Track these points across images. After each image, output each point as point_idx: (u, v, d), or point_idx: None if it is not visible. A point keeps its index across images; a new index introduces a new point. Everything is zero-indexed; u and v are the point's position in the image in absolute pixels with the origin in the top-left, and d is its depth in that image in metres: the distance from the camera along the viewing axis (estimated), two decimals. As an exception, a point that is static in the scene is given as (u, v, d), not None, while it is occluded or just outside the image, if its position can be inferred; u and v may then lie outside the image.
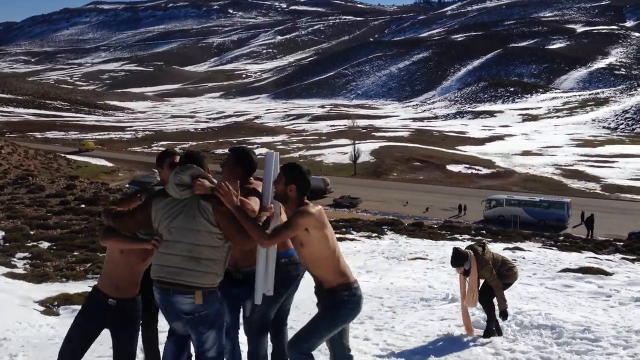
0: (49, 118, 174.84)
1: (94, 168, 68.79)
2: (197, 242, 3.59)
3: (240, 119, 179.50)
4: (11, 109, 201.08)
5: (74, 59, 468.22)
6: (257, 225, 3.66)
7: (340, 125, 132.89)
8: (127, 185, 51.97)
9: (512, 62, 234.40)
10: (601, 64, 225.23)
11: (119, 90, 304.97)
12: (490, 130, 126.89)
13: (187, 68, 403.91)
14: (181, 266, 3.60)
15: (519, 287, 9.77)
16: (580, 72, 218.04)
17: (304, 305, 7.22)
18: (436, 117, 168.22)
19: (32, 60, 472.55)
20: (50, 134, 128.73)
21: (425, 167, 78.45)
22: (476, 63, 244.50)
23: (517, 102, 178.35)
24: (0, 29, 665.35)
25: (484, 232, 29.59)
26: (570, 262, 15.12)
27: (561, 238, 30.19)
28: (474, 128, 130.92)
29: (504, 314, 6.52)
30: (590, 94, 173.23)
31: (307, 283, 4.30)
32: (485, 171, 75.91)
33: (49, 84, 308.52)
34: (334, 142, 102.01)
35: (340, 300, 3.89)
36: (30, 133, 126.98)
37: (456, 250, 6.67)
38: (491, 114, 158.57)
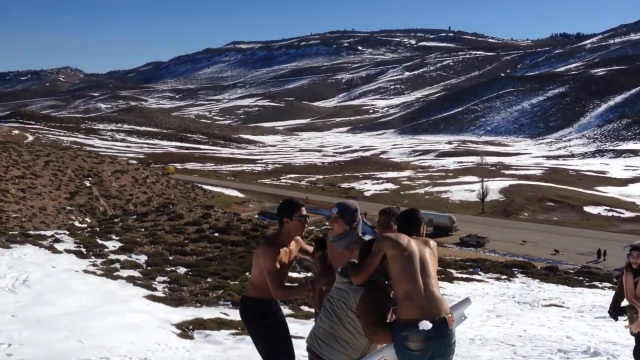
0: (189, 150, 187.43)
1: (226, 198, 72.37)
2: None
3: (367, 153, 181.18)
4: (156, 141, 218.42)
5: (213, 96, 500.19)
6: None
7: (468, 162, 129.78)
8: (256, 216, 54.02)
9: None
10: None
11: (252, 125, 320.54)
12: (634, 170, 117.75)
13: (316, 103, 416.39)
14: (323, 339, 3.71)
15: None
16: None
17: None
18: (572, 155, 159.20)
19: (177, 96, 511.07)
20: (189, 165, 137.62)
21: (560, 207, 74.21)
22: (618, 99, 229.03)
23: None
24: (150, 67, 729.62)
25: None
26: None
27: None
28: (615, 168, 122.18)
29: None
30: None
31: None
32: (628, 214, 70.36)
33: (190, 119, 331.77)
34: (461, 179, 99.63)
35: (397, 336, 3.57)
36: (172, 164, 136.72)
37: None
38: (635, 153, 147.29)
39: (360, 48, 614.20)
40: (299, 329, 8.56)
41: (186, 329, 9.39)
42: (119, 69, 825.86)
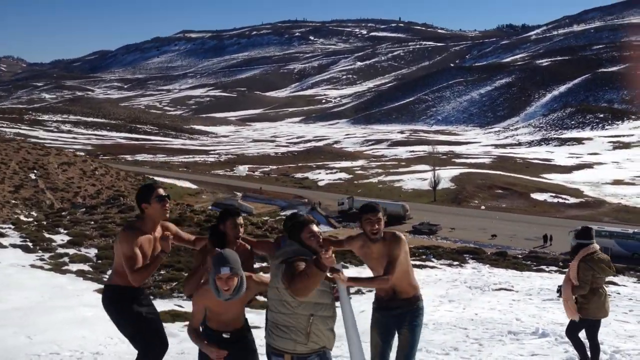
0: (139, 141, 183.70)
1: (179, 190, 71.36)
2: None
3: (320, 143, 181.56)
4: (105, 132, 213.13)
5: (163, 86, 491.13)
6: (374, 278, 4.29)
7: (419, 151, 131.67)
8: (210, 207, 53.51)
9: (601, 88, 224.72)
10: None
11: (204, 115, 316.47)
12: (578, 157, 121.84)
13: (268, 93, 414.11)
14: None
15: (614, 324, 9.21)
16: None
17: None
18: (519, 144, 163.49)
19: (125, 86, 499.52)
20: (140, 157, 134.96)
21: (508, 195, 76.17)
22: (562, 88, 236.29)
23: (607, 129, 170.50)
24: (96, 57, 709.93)
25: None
26: (671, 300, 14.10)
27: (658, 273, 28.27)
28: (560, 155, 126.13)
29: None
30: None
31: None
32: (572, 200, 72.81)
33: (139, 109, 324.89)
34: (414, 167, 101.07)
35: (418, 308, 4.48)
36: (122, 155, 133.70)
37: (587, 228, 6.41)
38: (579, 141, 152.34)
39: (312, 38, 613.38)
40: (255, 319, 8.54)
41: (140, 322, 9.23)
42: (64, 58, 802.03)
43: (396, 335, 4.47)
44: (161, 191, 4.33)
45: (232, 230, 4.35)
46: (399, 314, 4.39)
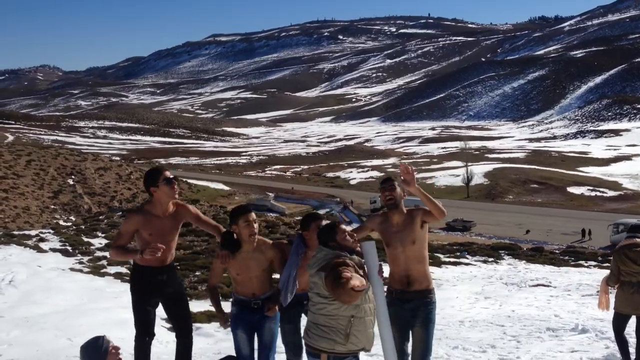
0: (172, 145, 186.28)
1: (212, 192, 72.10)
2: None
3: (351, 142, 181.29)
4: (139, 137, 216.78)
5: (195, 89, 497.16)
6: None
7: (451, 147, 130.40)
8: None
9: (638, 78, 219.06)
10: None
11: (235, 117, 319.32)
12: (615, 150, 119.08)
13: (298, 94, 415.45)
14: None
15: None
16: None
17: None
18: (554, 137, 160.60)
19: (158, 91, 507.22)
20: (173, 160, 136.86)
21: (544, 189, 74.87)
22: (598, 80, 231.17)
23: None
24: (130, 63, 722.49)
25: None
26: None
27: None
28: (597, 148, 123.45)
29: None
30: None
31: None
32: (610, 193, 71.19)
33: (172, 113, 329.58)
34: (446, 164, 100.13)
35: (431, 302, 4.34)
36: (156, 159, 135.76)
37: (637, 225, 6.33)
38: (616, 132, 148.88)
39: (340, 37, 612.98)
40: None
41: (176, 323, 9.35)
42: (98, 66, 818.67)
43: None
44: (168, 174, 4.35)
45: (245, 228, 4.22)
46: (411, 308, 4.30)
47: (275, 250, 4.32)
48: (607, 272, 6.44)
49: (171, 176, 4.37)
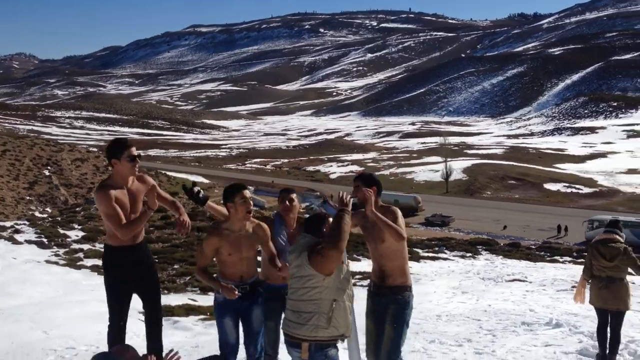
0: (151, 137, 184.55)
1: (191, 185, 71.46)
2: None
3: (331, 136, 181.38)
4: (117, 128, 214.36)
5: (174, 80, 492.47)
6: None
7: (431, 143, 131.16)
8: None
9: (614, 76, 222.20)
10: None
11: (215, 110, 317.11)
12: (591, 147, 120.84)
13: (279, 87, 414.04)
14: None
15: (629, 314, 9.14)
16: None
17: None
18: (532, 134, 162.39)
19: (136, 82, 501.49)
20: (152, 152, 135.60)
21: (521, 185, 75.74)
22: (575, 77, 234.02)
23: (620, 118, 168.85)
24: (107, 52, 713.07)
25: (587, 254, 27.97)
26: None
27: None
28: (573, 145, 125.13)
29: None
30: None
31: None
32: (586, 190, 72.26)
33: (151, 104, 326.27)
34: (425, 159, 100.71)
35: (404, 300, 4.23)
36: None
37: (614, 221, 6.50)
38: (592, 130, 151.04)
39: (321, 30, 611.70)
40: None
41: (154, 316, 9.28)
42: (75, 54, 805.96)
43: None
44: (133, 150, 4.22)
45: (242, 205, 4.21)
46: (385, 303, 4.25)
47: (264, 231, 4.35)
48: (582, 267, 6.58)
49: (136, 153, 4.24)
